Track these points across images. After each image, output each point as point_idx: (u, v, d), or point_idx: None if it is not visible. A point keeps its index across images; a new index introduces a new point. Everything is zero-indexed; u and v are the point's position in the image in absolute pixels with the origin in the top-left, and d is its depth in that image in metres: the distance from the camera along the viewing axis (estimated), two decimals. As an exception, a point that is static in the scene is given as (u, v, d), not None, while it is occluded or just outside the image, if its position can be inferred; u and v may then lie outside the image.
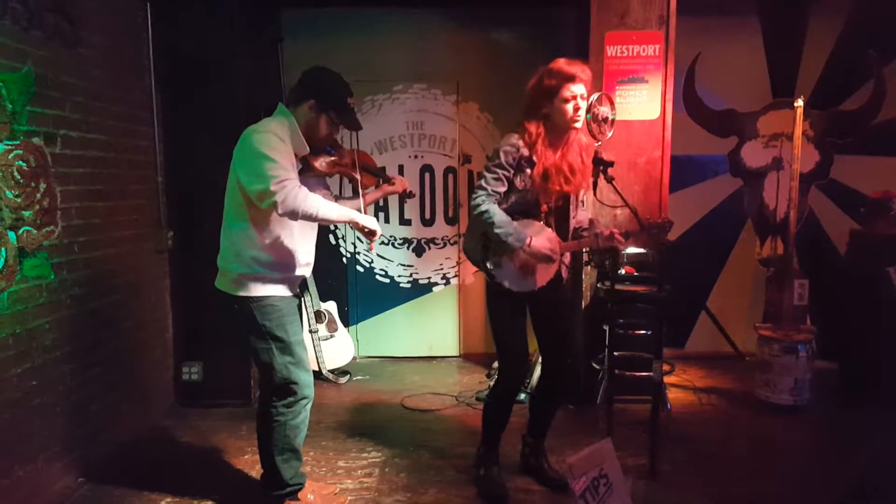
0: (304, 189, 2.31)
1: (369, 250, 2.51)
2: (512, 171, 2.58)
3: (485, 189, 2.58)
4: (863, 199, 4.44)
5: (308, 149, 2.50)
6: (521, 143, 2.57)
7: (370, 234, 2.42)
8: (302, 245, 2.56)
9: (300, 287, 2.70)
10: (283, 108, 2.50)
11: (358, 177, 2.69)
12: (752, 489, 2.92)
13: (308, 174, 2.58)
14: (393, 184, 2.86)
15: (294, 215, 2.30)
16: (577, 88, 2.52)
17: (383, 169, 2.97)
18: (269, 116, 2.51)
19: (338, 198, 2.83)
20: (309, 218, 2.32)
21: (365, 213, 2.60)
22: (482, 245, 2.64)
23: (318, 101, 2.45)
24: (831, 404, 3.95)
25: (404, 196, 2.94)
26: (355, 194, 2.78)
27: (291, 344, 2.53)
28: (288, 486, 2.64)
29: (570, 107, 2.51)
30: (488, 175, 2.60)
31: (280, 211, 2.27)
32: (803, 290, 3.89)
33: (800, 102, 3.78)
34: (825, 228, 4.78)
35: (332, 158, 2.64)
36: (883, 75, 4.53)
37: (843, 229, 4.52)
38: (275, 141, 2.34)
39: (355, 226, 2.42)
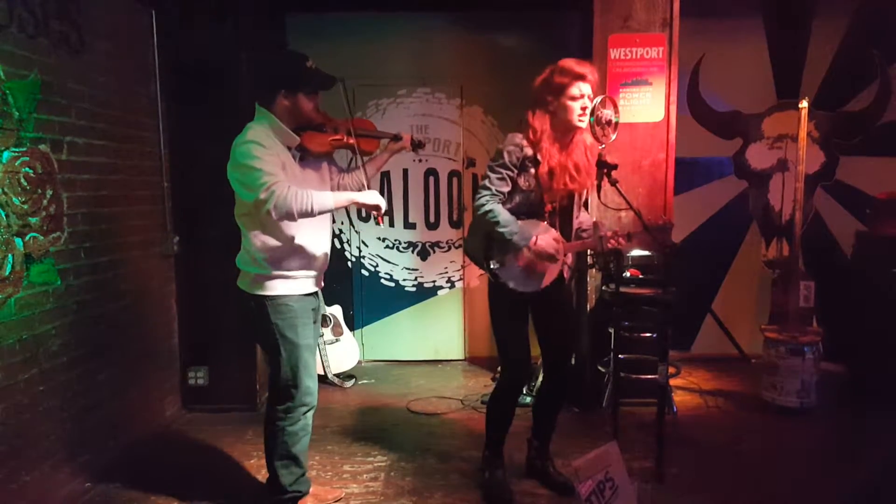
0: (294, 188, 2.30)
1: (378, 224, 2.49)
2: (516, 171, 2.58)
3: (488, 189, 2.58)
4: (869, 199, 4.43)
5: (297, 138, 2.49)
6: (524, 142, 2.57)
7: (375, 209, 2.41)
8: (315, 242, 2.56)
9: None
10: (259, 108, 2.49)
11: (354, 144, 2.63)
12: (759, 492, 2.91)
13: (309, 158, 2.57)
14: (400, 139, 2.81)
15: (290, 216, 2.31)
16: (585, 88, 2.53)
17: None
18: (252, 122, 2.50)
19: (348, 170, 2.81)
20: (306, 214, 2.32)
21: (368, 185, 2.60)
22: (485, 245, 2.64)
23: (286, 87, 2.44)
24: (838, 406, 3.93)
25: (415, 146, 2.86)
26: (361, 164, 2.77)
27: (300, 346, 2.53)
28: (287, 492, 2.63)
29: (576, 105, 2.52)
30: (492, 175, 2.59)
31: (275, 216, 2.29)
32: (809, 291, 3.88)
33: (804, 103, 3.78)
34: (831, 229, 4.76)
35: (328, 135, 2.60)
36: (888, 76, 4.52)
37: (848, 230, 4.52)
38: (255, 148, 2.33)
39: (358, 205, 2.42)
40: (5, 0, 2.53)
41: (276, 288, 2.50)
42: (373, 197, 2.43)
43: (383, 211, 2.43)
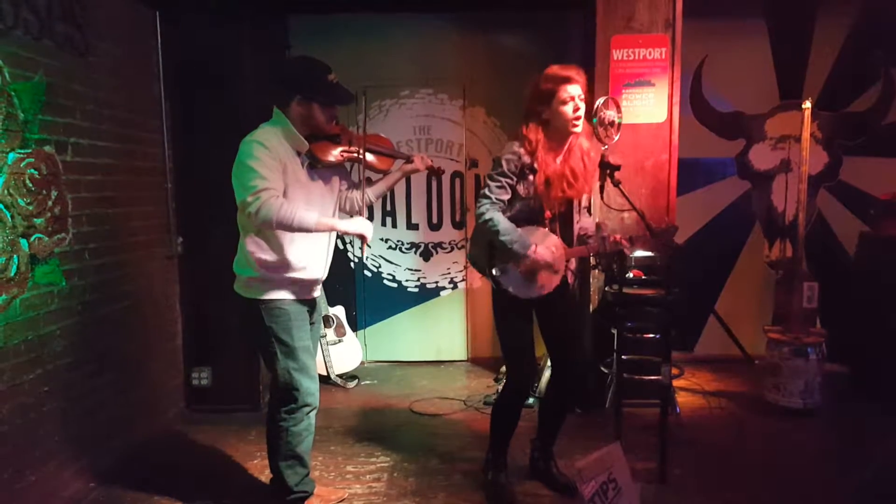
0: (280, 199, 2.32)
1: (361, 251, 2.49)
2: (515, 179, 2.59)
3: (489, 198, 2.59)
4: (872, 200, 4.42)
5: (307, 144, 2.50)
6: (521, 150, 2.58)
7: (360, 237, 2.42)
8: (311, 252, 2.56)
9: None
10: (277, 111, 2.50)
11: (362, 161, 2.63)
12: (762, 493, 2.91)
13: (319, 167, 2.57)
14: (412, 162, 2.81)
15: (268, 225, 2.32)
16: (574, 90, 2.52)
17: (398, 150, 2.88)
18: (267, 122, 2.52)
19: (355, 186, 2.81)
20: (285, 227, 2.33)
21: (363, 209, 2.59)
22: (487, 252, 2.65)
23: (303, 93, 2.45)
24: (842, 407, 3.92)
25: (433, 174, 2.87)
26: (369, 180, 2.77)
27: (296, 349, 2.54)
28: (293, 492, 2.64)
29: (569, 108, 2.52)
30: (492, 184, 2.60)
31: (255, 221, 2.31)
32: (812, 292, 3.87)
33: (808, 104, 3.77)
34: (834, 230, 4.75)
35: (340, 147, 2.61)
36: (891, 76, 4.52)
37: (852, 231, 4.51)
38: (258, 150, 2.35)
39: (341, 232, 2.42)
40: (10, 2, 2.54)
41: (269, 292, 2.50)
42: (358, 225, 2.42)
43: (369, 240, 2.43)
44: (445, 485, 3.01)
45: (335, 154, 2.58)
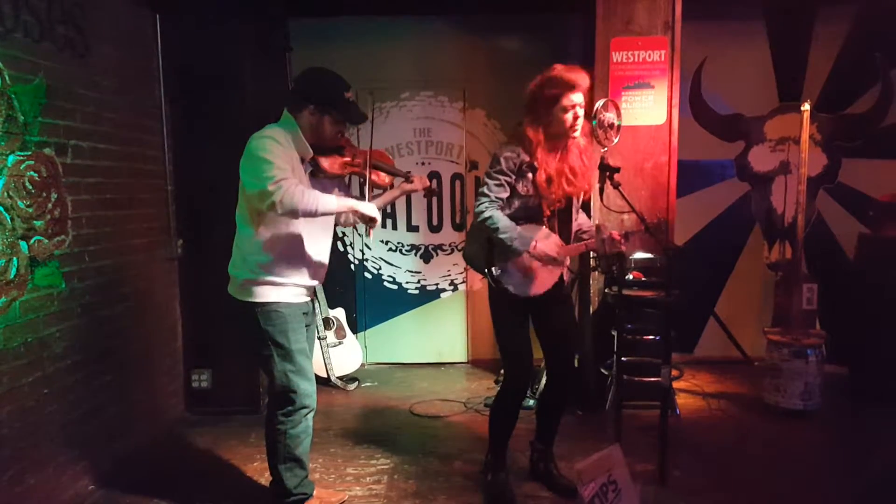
0: (301, 187, 2.32)
1: (367, 235, 2.52)
2: (513, 177, 2.60)
3: (487, 196, 2.59)
4: (871, 202, 4.43)
5: (311, 152, 2.51)
6: (520, 148, 2.59)
7: (370, 221, 2.45)
8: (311, 253, 2.56)
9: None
10: (287, 115, 2.51)
11: (367, 175, 2.65)
12: (763, 494, 2.90)
13: (320, 176, 2.58)
14: (411, 181, 2.82)
15: (294, 213, 2.32)
16: (577, 98, 2.54)
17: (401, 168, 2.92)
18: (275, 123, 2.53)
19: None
20: (309, 214, 2.33)
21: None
22: (486, 251, 2.65)
23: (318, 104, 2.47)
24: (842, 409, 3.93)
25: (428, 193, 2.89)
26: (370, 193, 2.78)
27: (292, 352, 2.54)
28: (292, 495, 2.64)
29: (569, 116, 2.54)
30: (490, 182, 2.61)
31: (279, 210, 2.29)
32: (812, 294, 3.88)
33: (807, 106, 3.78)
34: (834, 232, 4.76)
35: (344, 159, 2.62)
36: (890, 78, 4.52)
37: (851, 233, 4.51)
38: (272, 144, 2.36)
39: (355, 213, 2.46)
40: (11, 4, 2.54)
41: (264, 295, 2.50)
42: (371, 210, 2.46)
43: (377, 225, 2.48)
44: (446, 486, 3.01)
45: (338, 166, 2.60)
